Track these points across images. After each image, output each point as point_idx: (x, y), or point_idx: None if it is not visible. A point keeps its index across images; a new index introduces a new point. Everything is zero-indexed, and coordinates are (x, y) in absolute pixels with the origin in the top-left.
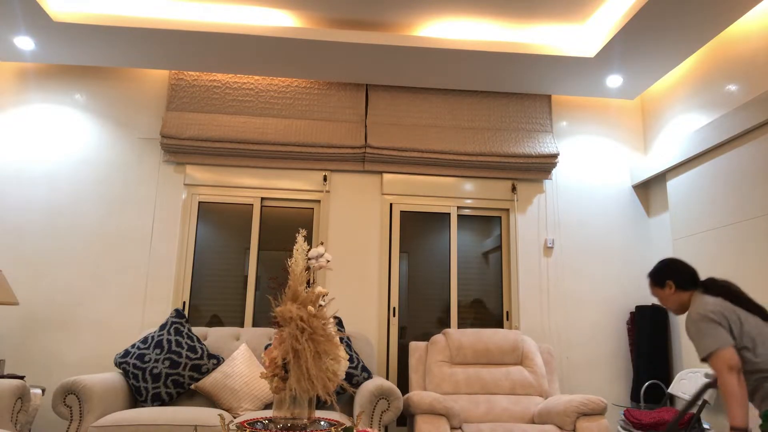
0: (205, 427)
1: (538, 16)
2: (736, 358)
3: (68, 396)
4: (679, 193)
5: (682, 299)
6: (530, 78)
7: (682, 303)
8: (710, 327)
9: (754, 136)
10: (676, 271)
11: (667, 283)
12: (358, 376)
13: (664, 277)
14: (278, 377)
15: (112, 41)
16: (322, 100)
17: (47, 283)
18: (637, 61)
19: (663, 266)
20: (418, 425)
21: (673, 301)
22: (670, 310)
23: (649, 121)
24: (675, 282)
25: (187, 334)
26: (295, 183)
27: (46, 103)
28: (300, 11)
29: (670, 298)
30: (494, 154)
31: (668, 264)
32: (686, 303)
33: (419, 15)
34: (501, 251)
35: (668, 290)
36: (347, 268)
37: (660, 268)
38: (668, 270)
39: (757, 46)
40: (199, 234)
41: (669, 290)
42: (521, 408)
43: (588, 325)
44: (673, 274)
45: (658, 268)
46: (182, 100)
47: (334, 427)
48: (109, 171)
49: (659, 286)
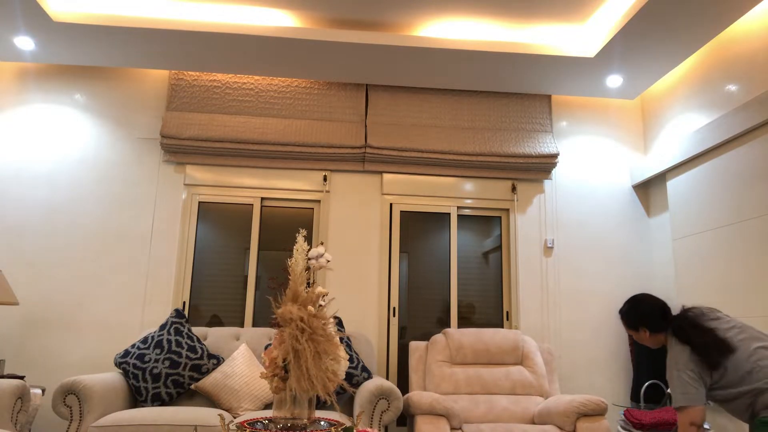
0: (205, 427)
1: (538, 16)
2: (700, 417)
3: (68, 396)
4: (679, 193)
5: (658, 339)
6: (530, 78)
7: (659, 342)
8: (683, 383)
9: (754, 136)
10: (645, 315)
11: (640, 328)
12: (358, 376)
13: (637, 323)
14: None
15: (112, 41)
16: (322, 100)
17: (47, 283)
18: (637, 61)
19: (633, 312)
20: (418, 425)
21: (651, 342)
22: (649, 346)
23: (649, 121)
24: (648, 327)
25: (187, 334)
26: (295, 183)
27: (46, 103)
28: (300, 11)
29: (646, 340)
30: (494, 154)
31: (636, 308)
32: (663, 341)
33: (419, 15)
34: (501, 251)
35: (643, 334)
36: (347, 268)
37: (630, 313)
38: (639, 316)
39: (757, 46)
40: (199, 234)
41: (644, 334)
42: (521, 408)
43: (588, 325)
44: (644, 319)
45: (628, 312)
46: (182, 100)
47: (334, 427)
48: (108, 171)
49: (633, 329)
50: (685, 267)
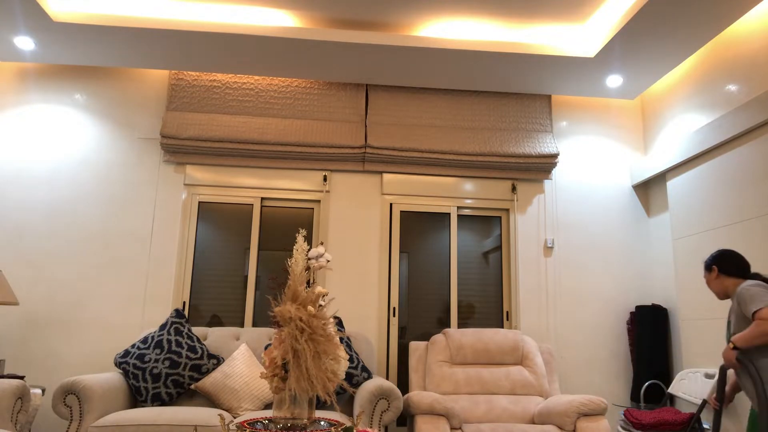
0: (205, 427)
1: (538, 16)
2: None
3: (68, 396)
4: (679, 193)
5: (724, 285)
6: (530, 78)
7: (723, 288)
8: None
9: (754, 136)
10: (724, 257)
11: (713, 267)
12: (358, 376)
13: (712, 261)
14: (278, 377)
15: (112, 41)
16: (322, 100)
17: (47, 282)
18: (637, 61)
19: (716, 252)
20: (418, 425)
21: (715, 285)
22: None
23: (649, 121)
24: (719, 267)
25: (187, 334)
26: (295, 183)
27: (46, 103)
28: (300, 11)
29: (711, 282)
30: (494, 154)
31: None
32: (728, 289)
33: (419, 15)
34: (501, 251)
35: (713, 273)
36: (347, 268)
37: (714, 253)
38: (718, 255)
39: (757, 46)
40: (199, 234)
41: (713, 273)
42: (521, 408)
43: (588, 325)
44: (720, 260)
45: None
46: (182, 100)
47: (334, 427)
48: (109, 171)
49: (707, 269)
50: (685, 267)
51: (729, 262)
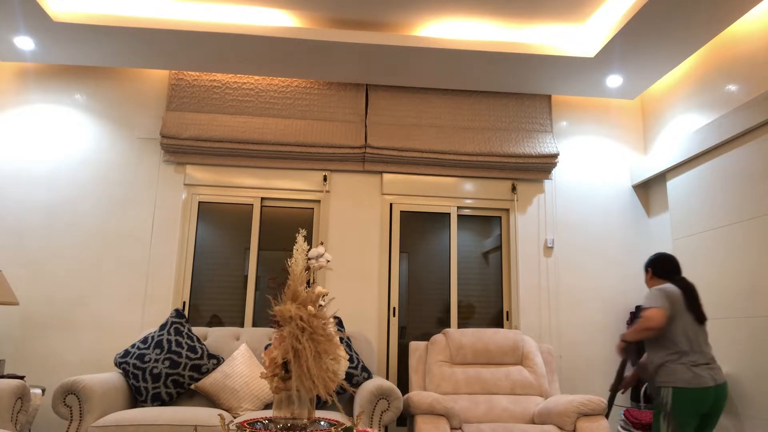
0: (205, 427)
1: (538, 16)
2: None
3: (68, 396)
4: (679, 193)
5: (654, 284)
6: (530, 78)
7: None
8: (656, 296)
9: (754, 136)
10: (657, 261)
11: (648, 269)
12: (358, 376)
13: (648, 264)
14: (278, 377)
15: (112, 41)
16: (322, 100)
17: (47, 282)
18: (637, 61)
19: (653, 255)
20: (418, 425)
21: (650, 285)
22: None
23: (649, 121)
24: (653, 269)
25: (187, 334)
26: (294, 183)
27: (46, 103)
28: (300, 11)
29: (647, 281)
30: (494, 154)
31: (656, 255)
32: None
33: (419, 15)
34: (501, 251)
35: (647, 274)
36: (347, 268)
37: (651, 256)
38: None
39: (757, 46)
40: (199, 234)
41: (647, 275)
42: (521, 408)
43: (588, 324)
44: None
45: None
46: (182, 100)
47: (334, 427)
48: (109, 171)
49: (645, 269)
50: (685, 267)
51: (660, 265)
